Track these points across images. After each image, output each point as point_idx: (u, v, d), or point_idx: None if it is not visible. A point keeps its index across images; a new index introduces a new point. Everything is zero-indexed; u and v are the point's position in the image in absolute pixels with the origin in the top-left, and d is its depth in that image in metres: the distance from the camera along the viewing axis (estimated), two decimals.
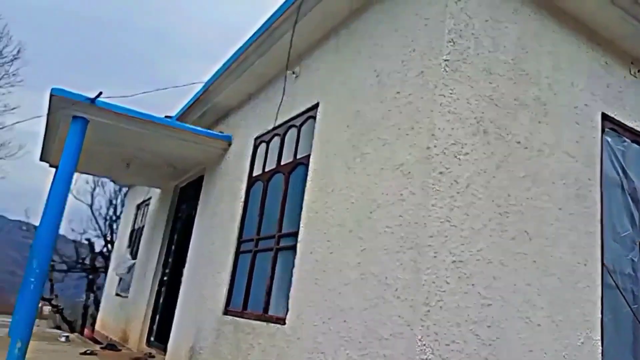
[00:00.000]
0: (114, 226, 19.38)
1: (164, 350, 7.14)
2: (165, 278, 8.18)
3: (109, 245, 19.39)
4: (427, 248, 2.82)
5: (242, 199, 5.57)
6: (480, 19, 3.34)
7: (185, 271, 6.75)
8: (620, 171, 4.00)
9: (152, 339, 7.96)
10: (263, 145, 5.54)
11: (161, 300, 8.08)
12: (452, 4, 3.22)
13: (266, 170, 5.31)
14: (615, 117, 4.04)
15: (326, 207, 3.88)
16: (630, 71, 4.25)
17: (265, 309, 4.47)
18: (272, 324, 4.18)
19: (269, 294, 4.50)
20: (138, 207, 11.47)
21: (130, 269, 10.08)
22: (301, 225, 4.18)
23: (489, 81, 3.31)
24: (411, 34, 3.46)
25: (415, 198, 2.98)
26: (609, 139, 3.99)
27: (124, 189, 16.01)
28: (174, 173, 8.05)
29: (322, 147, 4.19)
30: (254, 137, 5.73)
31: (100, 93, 5.39)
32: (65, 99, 5.47)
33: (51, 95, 5.47)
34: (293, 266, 4.12)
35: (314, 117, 4.54)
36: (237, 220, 5.53)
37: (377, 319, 3.01)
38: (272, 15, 4.88)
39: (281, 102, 4.97)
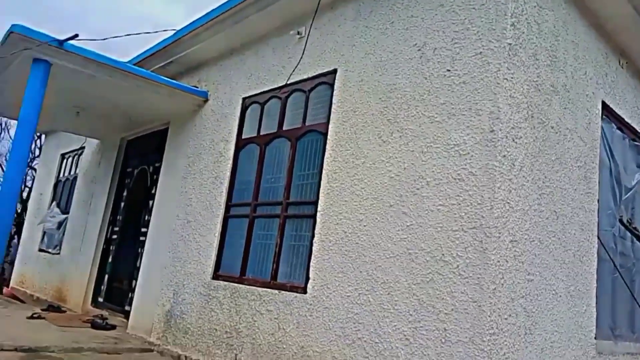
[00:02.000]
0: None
1: (121, 312, 6.83)
2: (114, 236, 7.67)
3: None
4: (493, 229, 2.95)
5: (231, 161, 5.34)
6: (531, 3, 3.43)
7: (151, 231, 6.39)
8: (609, 155, 4.43)
9: (99, 299, 7.51)
10: (256, 106, 5.30)
11: (110, 260, 7.60)
12: None
13: (262, 133, 5.11)
14: (609, 105, 4.42)
15: (355, 179, 3.87)
16: (619, 62, 4.63)
17: (274, 277, 4.42)
18: (287, 292, 4.16)
19: (277, 261, 4.44)
20: (63, 156, 10.47)
21: (61, 224, 9.30)
22: (321, 194, 4.13)
23: (536, 67, 3.44)
24: (463, 13, 3.46)
25: (476, 179, 3.08)
26: (604, 126, 4.37)
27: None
28: (126, 125, 7.43)
29: (346, 117, 4.12)
30: (242, 97, 5.45)
31: (76, 35, 4.76)
32: (27, 38, 4.78)
33: (9, 33, 4.73)
34: (313, 236, 4.09)
35: (330, 84, 4.43)
36: (225, 183, 5.31)
37: (432, 294, 3.13)
38: None
39: (297, 64, 4.70)
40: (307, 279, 4.02)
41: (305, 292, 4.00)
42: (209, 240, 5.27)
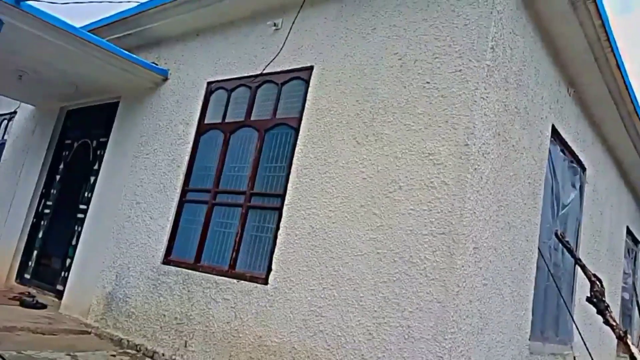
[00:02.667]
0: None
1: (52, 291, 6.49)
2: (46, 211, 7.23)
3: None
4: (462, 236, 3.17)
5: (190, 145, 5.24)
6: (507, 29, 3.68)
7: (92, 209, 6.11)
8: (552, 174, 4.85)
9: (26, 276, 7.07)
10: (222, 92, 5.23)
11: (40, 235, 7.16)
12: (496, 12, 3.49)
13: (227, 121, 5.06)
14: (557, 129, 4.83)
15: (326, 176, 3.96)
16: (568, 90, 5.07)
17: (232, 266, 4.42)
18: (246, 282, 4.19)
19: (236, 250, 4.45)
20: None
21: None
22: (289, 188, 4.18)
23: (505, 88, 3.71)
24: (446, 30, 3.65)
25: (448, 188, 3.29)
26: (550, 147, 4.78)
27: None
28: (69, 95, 7.01)
29: (320, 115, 4.20)
30: (207, 80, 5.36)
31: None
32: None
33: None
34: (277, 228, 4.14)
35: (304, 80, 4.48)
36: (182, 167, 5.20)
37: (398, 293, 3.30)
38: None
39: (275, 56, 4.67)
40: (269, 270, 4.07)
41: (266, 282, 4.05)
42: (161, 224, 5.15)
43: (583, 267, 4.83)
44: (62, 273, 6.40)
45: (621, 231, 7.55)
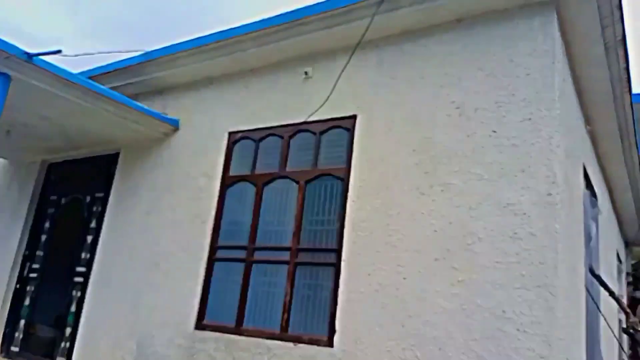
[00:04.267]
0: None
1: None
2: (32, 275, 6.58)
3: None
4: (558, 288, 3.13)
5: (216, 199, 4.95)
6: (562, 77, 3.77)
7: (97, 273, 5.62)
8: (583, 209, 4.96)
9: (13, 348, 6.34)
10: (248, 142, 5.00)
11: (27, 302, 6.49)
12: (556, 62, 3.56)
13: (258, 172, 4.83)
14: (585, 168, 4.97)
15: (389, 229, 3.83)
16: (586, 127, 5.25)
17: (285, 327, 4.15)
18: (305, 345, 3.93)
19: (288, 311, 4.18)
20: None
21: None
22: (345, 243, 4.01)
23: (564, 134, 3.77)
24: (506, 80, 3.68)
25: (536, 239, 3.25)
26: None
27: None
28: (58, 147, 6.52)
29: (372, 165, 4.09)
30: (229, 130, 5.13)
31: (59, 51, 4.11)
32: None
33: None
34: (337, 285, 3.94)
35: (347, 129, 4.37)
36: (209, 223, 4.90)
37: (494, 351, 3.19)
38: (298, 10, 4.47)
39: (320, 107, 4.48)
40: (333, 331, 3.84)
41: (330, 345, 3.81)
42: (189, 286, 4.79)
43: (618, 300, 4.94)
44: (63, 343, 5.79)
45: (614, 255, 7.87)
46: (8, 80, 4.27)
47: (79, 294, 5.83)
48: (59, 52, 4.11)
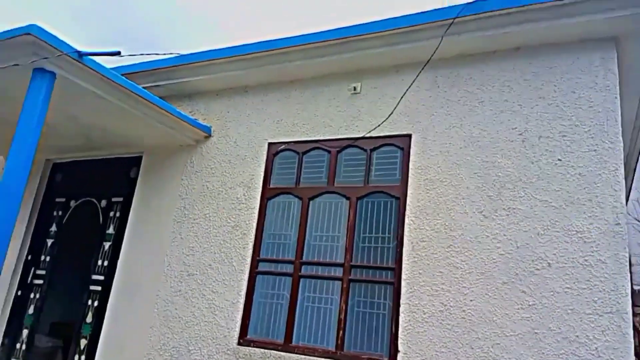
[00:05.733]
0: None
1: None
2: (37, 281, 6.25)
3: None
4: (629, 314, 3.30)
5: (256, 211, 4.89)
6: (620, 111, 3.96)
7: (119, 281, 5.41)
8: None
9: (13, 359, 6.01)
10: (290, 155, 4.96)
11: (31, 311, 6.16)
12: (619, 97, 3.75)
13: (304, 186, 4.80)
14: None
15: (452, 251, 3.91)
16: None
17: (339, 346, 4.15)
18: None
19: (343, 328, 4.19)
20: None
21: None
22: (404, 262, 4.06)
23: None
24: (569, 110, 3.84)
25: (607, 267, 3.41)
26: None
27: None
28: (76, 147, 6.23)
29: (430, 185, 4.15)
30: (268, 141, 5.07)
31: (118, 52, 3.94)
32: (44, 44, 3.81)
33: (23, 34, 3.73)
34: (398, 304, 3.98)
35: (400, 147, 4.42)
36: (250, 235, 4.83)
37: None
38: (357, 26, 4.48)
39: (383, 122, 4.49)
40: (395, 351, 3.88)
41: None
42: (229, 299, 4.70)
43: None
44: (76, 356, 5.54)
45: None
46: (54, 79, 4.06)
47: (96, 303, 5.61)
48: (117, 53, 3.94)
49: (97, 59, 4.20)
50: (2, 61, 4.01)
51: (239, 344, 4.52)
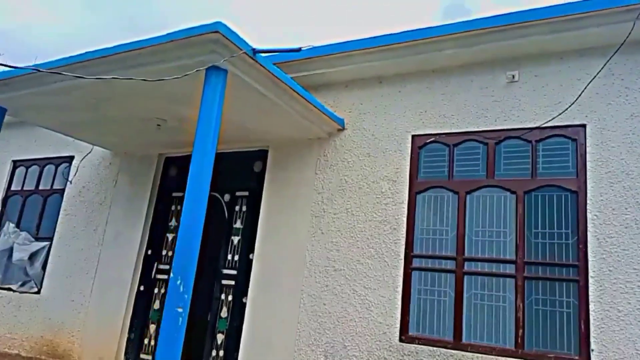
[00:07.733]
0: None
1: None
2: (161, 276, 6.27)
3: None
4: None
5: (405, 206, 4.77)
6: None
7: (257, 276, 5.38)
8: None
9: (144, 356, 6.07)
10: (437, 147, 4.81)
11: (156, 306, 6.20)
12: None
13: (457, 179, 4.66)
14: None
15: None
16: None
17: (520, 344, 4.04)
18: None
19: (522, 327, 4.07)
20: (15, 164, 8.31)
21: (35, 255, 7.34)
22: (591, 258, 3.91)
23: None
24: None
25: None
26: None
27: None
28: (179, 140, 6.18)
29: (613, 179, 3.97)
30: (412, 134, 4.93)
31: (299, 49, 3.82)
32: (226, 42, 3.71)
33: (210, 32, 3.62)
34: (587, 303, 3.84)
35: (571, 139, 4.24)
36: (401, 230, 4.72)
37: None
38: (522, 12, 4.27)
39: (560, 114, 4.28)
40: (588, 350, 3.75)
41: None
42: (384, 295, 4.62)
43: None
44: (213, 352, 5.56)
45: None
46: (226, 77, 3.97)
47: (230, 297, 5.60)
48: (297, 50, 3.82)
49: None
50: (174, 59, 3.93)
51: (401, 340, 4.45)
